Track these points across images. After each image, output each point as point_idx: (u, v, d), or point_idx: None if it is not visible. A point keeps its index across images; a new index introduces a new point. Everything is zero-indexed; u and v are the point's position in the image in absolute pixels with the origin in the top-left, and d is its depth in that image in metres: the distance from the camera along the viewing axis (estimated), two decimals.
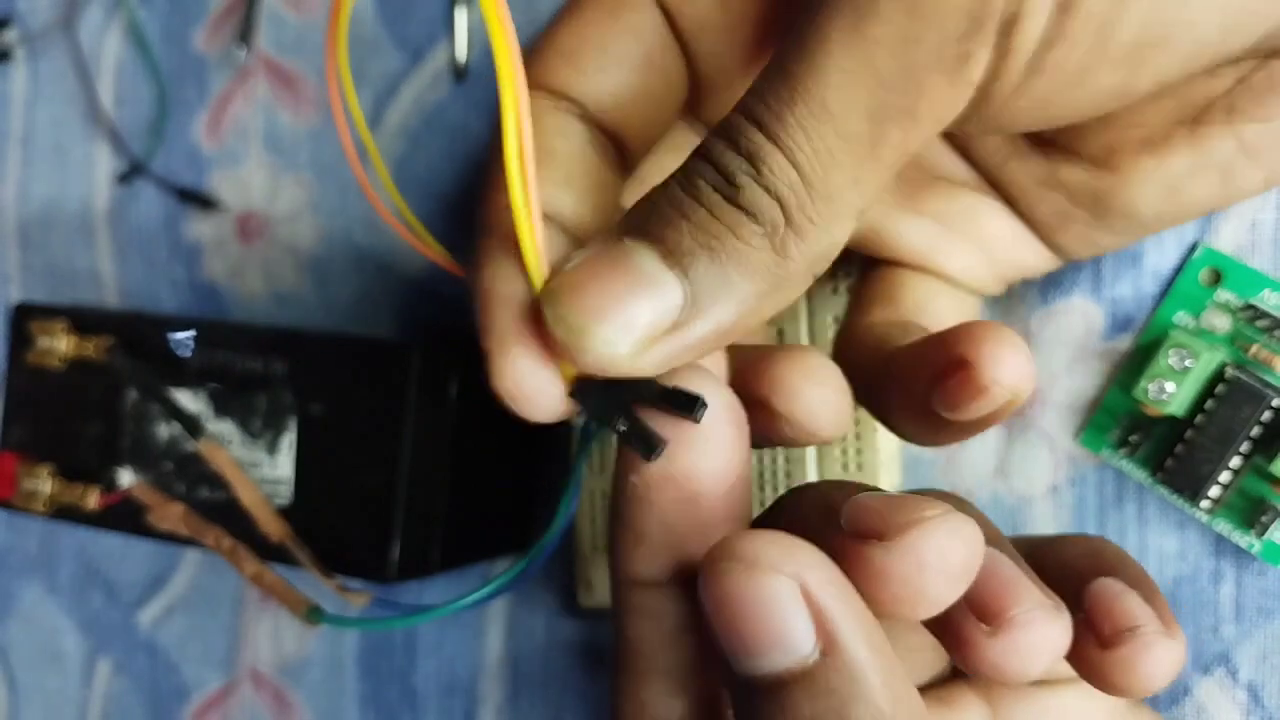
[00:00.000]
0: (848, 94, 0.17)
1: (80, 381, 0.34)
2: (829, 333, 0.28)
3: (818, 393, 0.20)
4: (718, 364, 0.20)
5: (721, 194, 0.17)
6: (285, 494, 0.30)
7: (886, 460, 0.28)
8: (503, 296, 0.19)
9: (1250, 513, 0.24)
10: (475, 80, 0.36)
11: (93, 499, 0.33)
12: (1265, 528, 0.24)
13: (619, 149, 0.22)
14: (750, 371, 0.20)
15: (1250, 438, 0.23)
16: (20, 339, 0.35)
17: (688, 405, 0.18)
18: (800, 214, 0.17)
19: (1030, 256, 0.25)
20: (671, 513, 0.19)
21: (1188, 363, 0.24)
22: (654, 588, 0.19)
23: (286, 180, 0.39)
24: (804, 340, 0.29)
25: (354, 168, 0.19)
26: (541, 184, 0.19)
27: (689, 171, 0.18)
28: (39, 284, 0.45)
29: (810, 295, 0.29)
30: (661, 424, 0.18)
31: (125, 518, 0.32)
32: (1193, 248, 0.26)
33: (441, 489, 0.30)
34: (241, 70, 0.40)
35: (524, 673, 0.35)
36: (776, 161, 0.17)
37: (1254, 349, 0.24)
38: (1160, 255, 0.26)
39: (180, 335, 0.32)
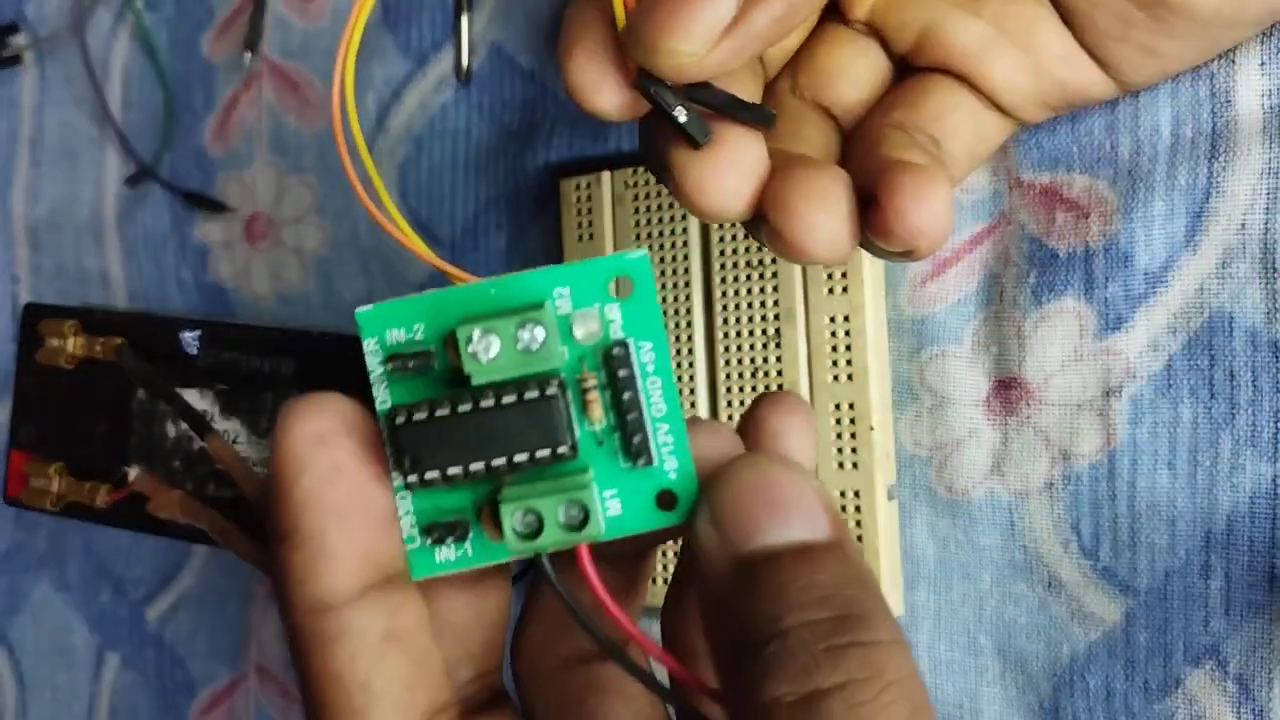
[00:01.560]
0: None
1: (89, 381, 0.34)
2: (826, 333, 0.29)
3: (815, 217, 0.20)
4: (759, 161, 0.21)
5: None
6: None
7: (882, 458, 0.28)
8: (576, 21, 0.20)
9: (441, 513, 0.19)
10: (479, 85, 0.36)
11: (101, 496, 0.34)
12: (437, 539, 0.19)
13: None
14: (768, 181, 0.21)
15: (511, 460, 0.18)
16: (30, 339, 0.35)
17: (761, 116, 0.19)
18: None
19: (1080, 77, 0.24)
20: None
21: (534, 346, 0.18)
22: (347, 606, 0.18)
23: (292, 183, 0.40)
24: (800, 342, 0.29)
25: (347, 171, 0.20)
26: None
27: None
28: (48, 285, 0.45)
29: (808, 297, 0.29)
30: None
31: (133, 515, 0.33)
32: (1185, 246, 0.26)
33: None
34: (248, 75, 0.40)
35: None
36: None
37: (590, 381, 0.18)
38: (1150, 256, 0.26)
39: (188, 335, 0.33)
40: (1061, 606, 0.28)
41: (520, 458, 0.17)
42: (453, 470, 0.17)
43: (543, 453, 0.17)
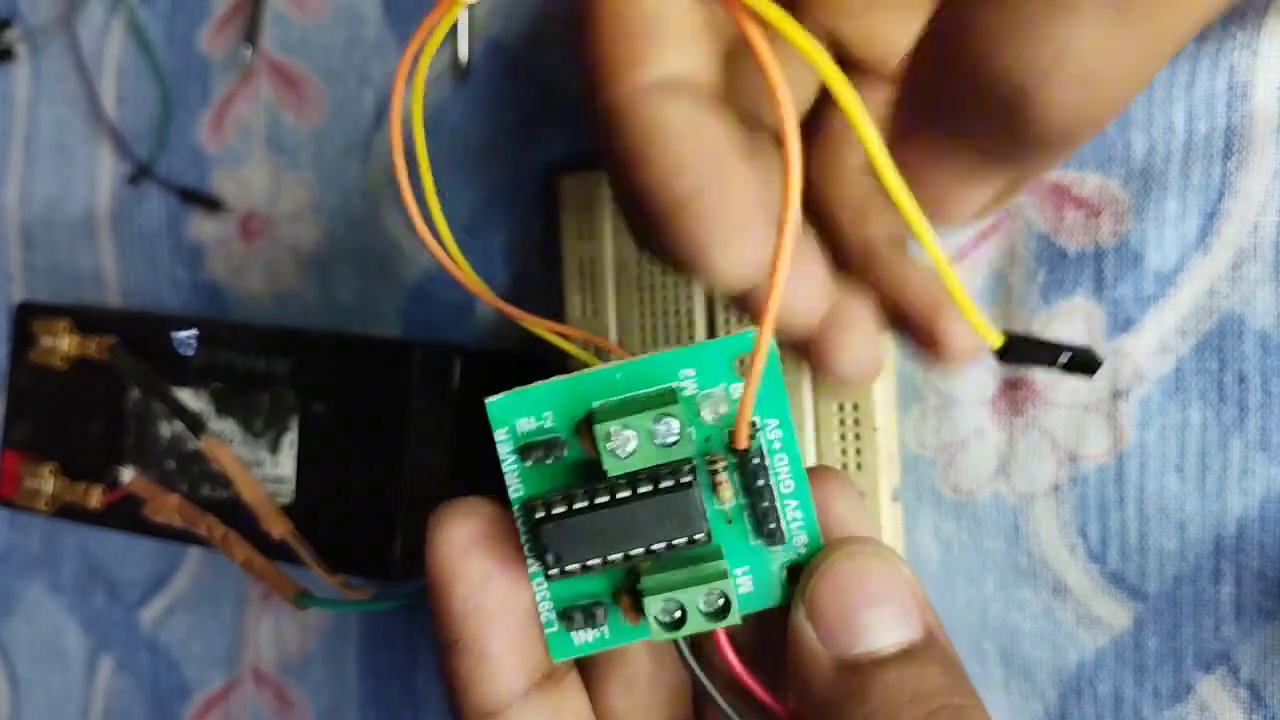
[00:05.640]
0: None
1: (83, 380, 0.34)
2: None
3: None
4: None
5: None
6: (287, 492, 0.31)
7: (886, 460, 0.28)
8: None
9: (578, 598, 0.19)
10: (477, 80, 0.36)
11: (95, 497, 0.33)
12: (575, 623, 0.19)
13: None
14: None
15: (649, 549, 0.18)
16: (23, 338, 0.35)
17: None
18: None
19: None
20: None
21: (670, 440, 0.18)
22: (510, 710, 0.19)
23: (288, 180, 0.39)
24: None
25: (404, 194, 0.20)
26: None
27: None
28: (42, 283, 0.45)
29: None
30: None
31: (127, 516, 0.33)
32: (1197, 247, 0.26)
33: (443, 487, 0.30)
34: (245, 70, 0.40)
35: None
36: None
37: (719, 464, 0.18)
38: (1161, 257, 0.26)
39: (183, 334, 0.32)
40: (1068, 612, 0.27)
41: (658, 546, 0.18)
42: (592, 561, 0.18)
43: (679, 540, 0.18)
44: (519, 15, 0.35)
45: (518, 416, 0.18)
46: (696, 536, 0.18)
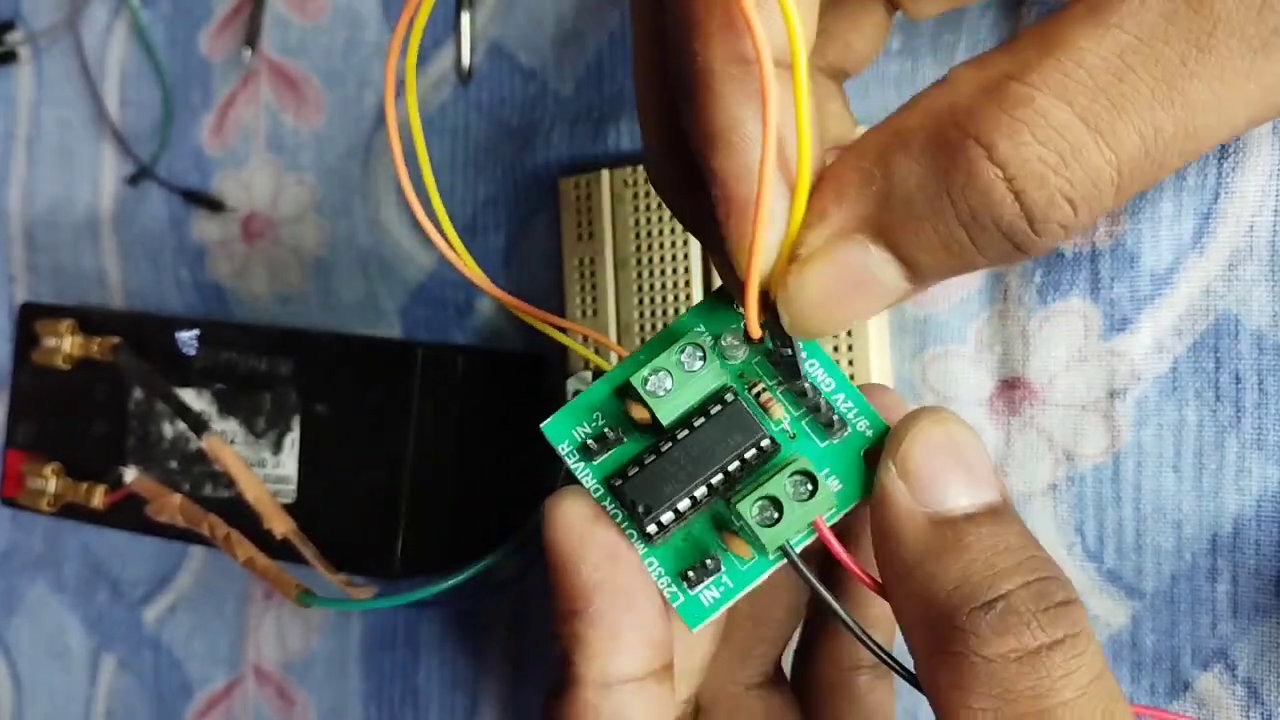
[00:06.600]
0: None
1: (86, 381, 0.34)
2: None
3: None
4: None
5: (991, 215, 0.16)
6: (289, 492, 0.31)
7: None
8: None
9: (688, 556, 0.20)
10: (478, 82, 0.36)
11: (98, 497, 0.33)
12: (695, 581, 0.19)
13: None
14: None
15: (726, 470, 0.19)
16: (26, 338, 0.35)
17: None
18: (1087, 215, 0.16)
19: None
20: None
21: (697, 365, 0.19)
22: (626, 687, 0.20)
23: (289, 181, 0.39)
24: None
25: (404, 186, 0.20)
26: None
27: (945, 179, 0.16)
28: (45, 284, 0.45)
29: None
30: None
31: (130, 515, 0.33)
32: (1192, 247, 0.26)
33: (444, 486, 0.31)
34: (246, 73, 0.40)
35: (526, 669, 0.35)
36: (1088, 164, 0.16)
37: (759, 388, 0.20)
38: (1157, 257, 0.26)
39: (185, 334, 0.32)
40: None
41: (733, 465, 0.19)
42: (682, 504, 0.19)
43: (750, 452, 0.19)
44: (520, 19, 0.35)
45: (572, 428, 0.20)
46: (763, 443, 0.19)
